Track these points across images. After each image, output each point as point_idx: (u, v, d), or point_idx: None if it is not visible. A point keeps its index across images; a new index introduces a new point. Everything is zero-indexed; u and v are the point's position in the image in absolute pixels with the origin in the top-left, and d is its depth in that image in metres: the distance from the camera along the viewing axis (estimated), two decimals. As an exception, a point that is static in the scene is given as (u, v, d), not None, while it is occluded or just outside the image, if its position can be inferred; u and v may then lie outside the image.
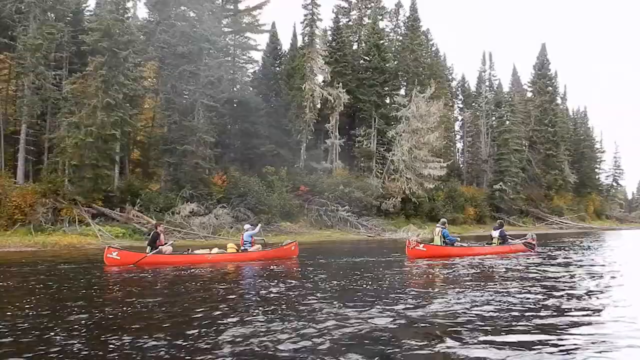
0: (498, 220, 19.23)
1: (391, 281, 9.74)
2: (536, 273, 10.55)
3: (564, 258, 14.78)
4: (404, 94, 43.00)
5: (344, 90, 38.09)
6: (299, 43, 43.29)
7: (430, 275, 10.80)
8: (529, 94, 62.97)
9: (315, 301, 7.12)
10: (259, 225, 17.63)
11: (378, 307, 6.50)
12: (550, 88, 58.42)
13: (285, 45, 47.43)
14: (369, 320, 5.61)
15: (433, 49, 55.38)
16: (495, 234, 16.63)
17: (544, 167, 56.21)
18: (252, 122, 37.10)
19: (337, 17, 44.97)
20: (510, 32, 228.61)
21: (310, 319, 5.76)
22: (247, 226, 15.87)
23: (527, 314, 6.05)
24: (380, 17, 48.29)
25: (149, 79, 34.68)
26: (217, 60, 31.41)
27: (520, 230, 40.31)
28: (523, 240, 17.09)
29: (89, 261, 14.88)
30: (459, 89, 65.51)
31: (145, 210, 29.05)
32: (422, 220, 41.46)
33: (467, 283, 9.10)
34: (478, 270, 11.35)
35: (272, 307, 6.77)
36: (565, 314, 6.06)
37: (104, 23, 24.45)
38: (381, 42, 44.32)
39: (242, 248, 14.92)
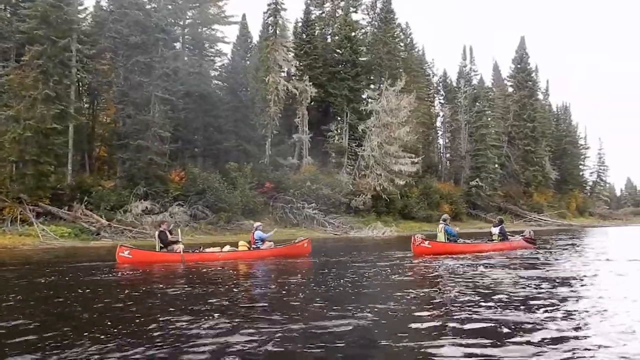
0: (498, 217, 18.94)
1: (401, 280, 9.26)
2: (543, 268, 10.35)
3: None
4: (377, 88, 41.68)
5: (311, 83, 36.77)
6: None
7: (445, 275, 9.98)
8: (510, 89, 62.01)
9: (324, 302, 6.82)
10: (274, 230, 17.21)
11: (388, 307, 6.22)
12: (530, 82, 57.35)
13: (256, 38, 46.08)
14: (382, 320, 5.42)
15: (408, 42, 54.02)
16: (495, 230, 16.63)
17: (523, 163, 55.30)
18: (215, 116, 35.71)
19: (308, 8, 43.61)
20: (495, 27, 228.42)
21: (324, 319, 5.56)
22: (257, 224, 15.66)
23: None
24: (354, 10, 47.00)
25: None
26: (172, 52, 29.92)
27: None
28: (522, 237, 17.16)
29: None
30: (440, 84, 64.41)
31: (96, 209, 27.70)
32: (395, 218, 40.33)
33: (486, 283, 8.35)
34: (489, 268, 10.66)
35: (285, 305, 6.67)
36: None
37: (40, 9, 22.91)
38: (353, 34, 43.05)
39: (253, 246, 14.80)
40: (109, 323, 5.51)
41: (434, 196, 44.57)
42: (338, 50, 42.58)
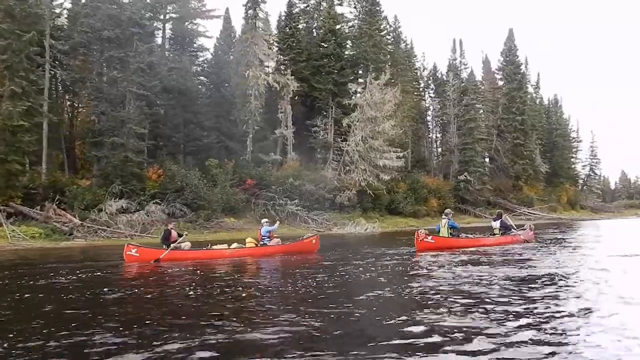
0: (497, 211, 19.24)
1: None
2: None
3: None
4: (363, 81, 40.95)
5: (293, 77, 36.02)
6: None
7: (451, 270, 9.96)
8: (500, 82, 61.39)
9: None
10: (277, 223, 16.93)
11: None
12: (519, 75, 56.73)
13: (240, 32, 45.19)
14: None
15: (397, 35, 53.24)
16: (496, 224, 16.68)
17: (513, 157, 54.77)
18: (196, 112, 34.96)
19: (292, 1, 42.75)
20: (489, 20, 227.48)
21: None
22: (264, 220, 15.73)
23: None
24: (339, 2, 46.12)
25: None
26: (147, 46, 29.12)
27: (487, 223, 38.75)
28: (522, 231, 17.25)
29: None
30: (431, 77, 63.72)
31: (70, 208, 26.99)
32: (381, 214, 39.76)
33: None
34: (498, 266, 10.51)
35: (295, 301, 6.80)
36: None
37: (4, 3, 22.09)
38: (338, 27, 42.29)
39: (260, 243, 14.82)
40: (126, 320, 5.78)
41: (421, 191, 43.97)
42: (323, 44, 41.80)
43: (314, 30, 46.32)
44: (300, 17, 45.13)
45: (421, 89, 61.78)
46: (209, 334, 4.90)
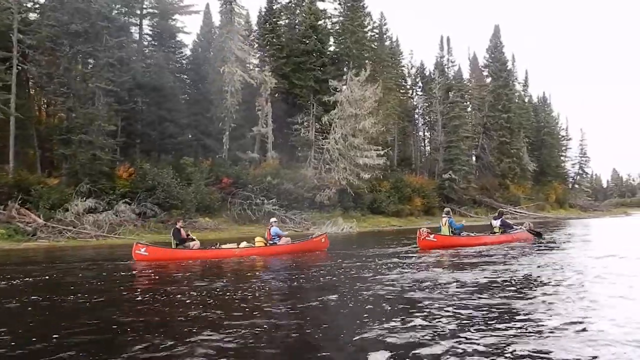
0: (498, 210, 19.76)
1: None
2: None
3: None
4: (344, 78, 40.15)
5: (270, 73, 35.22)
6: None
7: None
8: (488, 80, 60.86)
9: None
10: (287, 237, 16.51)
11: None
12: (505, 73, 56.17)
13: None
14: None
15: (383, 32, 52.44)
16: (496, 223, 16.80)
17: (499, 155, 54.22)
18: (171, 109, 34.10)
19: (272, -4, 41.93)
20: (474, 15, 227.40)
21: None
22: (273, 219, 15.66)
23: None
24: (321, -2, 45.28)
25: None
26: (116, 40, 28.24)
27: (472, 222, 38.09)
28: (521, 229, 17.45)
29: None
30: (419, 75, 63.12)
31: (35, 208, 26.09)
32: (363, 213, 39.05)
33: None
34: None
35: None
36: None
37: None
38: (319, 23, 41.52)
39: (270, 242, 14.79)
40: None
41: (405, 190, 43.30)
42: (304, 40, 41.01)
43: (296, 26, 45.51)
44: (282, 13, 44.33)
45: (409, 87, 61.22)
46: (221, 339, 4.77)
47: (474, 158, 55.05)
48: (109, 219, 26.58)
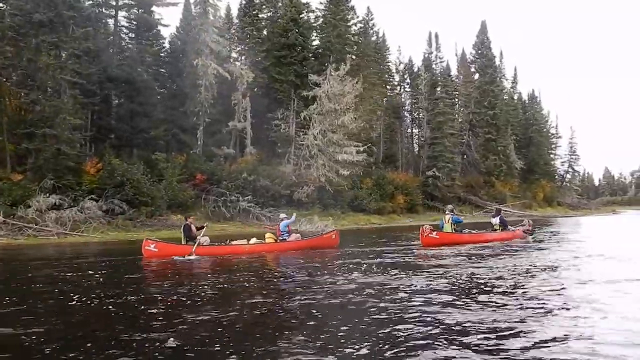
0: (495, 208, 20.57)
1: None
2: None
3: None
4: (325, 73, 39.29)
5: (246, 66, 34.32)
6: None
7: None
8: (476, 76, 60.16)
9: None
10: (294, 215, 16.75)
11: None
12: (491, 69, 55.48)
13: (200, 21, 43.26)
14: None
15: (364, 25, 51.48)
16: (495, 220, 17.17)
17: (484, 152, 53.57)
18: (144, 103, 33.11)
19: (252, -12, 40.97)
20: (461, 10, 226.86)
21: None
22: (282, 215, 15.55)
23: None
24: (304, -9, 44.29)
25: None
26: (83, 31, 27.23)
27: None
28: (520, 227, 17.85)
29: None
30: (406, 71, 62.35)
31: (-6, 205, 25.10)
32: (343, 210, 38.24)
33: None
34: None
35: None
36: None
37: None
38: (301, 16, 40.58)
39: (280, 238, 14.75)
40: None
41: (387, 187, 42.54)
42: (285, 34, 40.06)
43: (278, 20, 44.56)
44: (263, 7, 43.38)
45: (396, 84, 60.46)
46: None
47: (459, 155, 54.37)
48: (73, 215, 25.62)
